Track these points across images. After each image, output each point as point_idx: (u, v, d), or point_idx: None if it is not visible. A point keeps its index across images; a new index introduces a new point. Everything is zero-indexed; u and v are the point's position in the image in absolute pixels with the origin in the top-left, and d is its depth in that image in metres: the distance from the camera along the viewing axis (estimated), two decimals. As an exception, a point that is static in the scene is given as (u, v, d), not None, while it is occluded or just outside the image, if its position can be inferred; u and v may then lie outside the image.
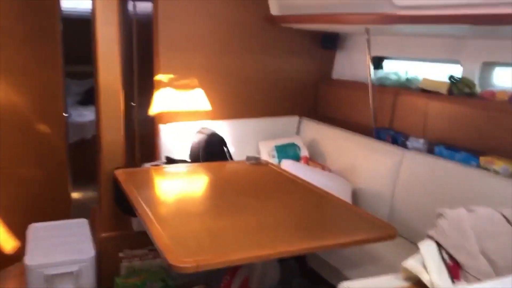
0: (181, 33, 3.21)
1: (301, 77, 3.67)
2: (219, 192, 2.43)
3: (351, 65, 3.55)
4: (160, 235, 1.72)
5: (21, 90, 3.14)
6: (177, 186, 2.57)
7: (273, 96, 3.60)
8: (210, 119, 3.35)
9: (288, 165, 2.91)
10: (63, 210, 3.59)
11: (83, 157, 4.62)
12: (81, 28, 4.88)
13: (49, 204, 3.43)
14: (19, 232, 2.89)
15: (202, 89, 3.33)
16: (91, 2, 2.85)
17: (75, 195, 4.48)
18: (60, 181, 3.56)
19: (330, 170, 3.05)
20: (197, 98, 3.33)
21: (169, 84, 3.24)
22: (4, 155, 3.03)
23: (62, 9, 4.11)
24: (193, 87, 3.31)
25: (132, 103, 4.20)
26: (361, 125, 3.15)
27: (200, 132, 3.14)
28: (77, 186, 4.56)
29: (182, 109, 3.29)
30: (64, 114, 3.59)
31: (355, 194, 2.79)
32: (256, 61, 3.48)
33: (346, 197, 2.65)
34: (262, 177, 2.63)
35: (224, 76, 3.40)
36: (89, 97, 5.54)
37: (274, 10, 3.29)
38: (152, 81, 3.28)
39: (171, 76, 3.23)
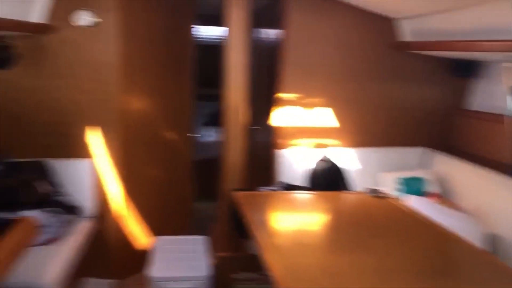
0: (307, 59, 3.24)
1: (429, 106, 3.44)
2: (336, 224, 2.35)
3: (487, 94, 3.24)
4: (273, 263, 1.71)
5: (158, 108, 3.41)
6: (293, 213, 2.54)
7: (396, 125, 3.43)
8: (329, 147, 3.29)
9: (412, 201, 2.71)
10: (185, 223, 3.80)
11: (206, 175, 4.85)
12: (211, 53, 5.23)
13: (172, 216, 3.65)
14: (146, 241, 3.10)
15: (321, 115, 3.30)
16: (222, 29, 3.01)
17: (196, 210, 4.72)
18: (185, 196, 3.77)
19: (461, 210, 2.78)
20: (310, 124, 3.31)
21: (293, 101, 3.26)
22: (136, 166, 3.30)
23: (196, 36, 4.43)
24: (317, 105, 3.30)
25: (255, 127, 4.32)
26: (496, 161, 2.84)
27: (320, 159, 3.10)
28: (199, 202, 4.80)
29: (298, 137, 3.29)
30: (192, 134, 3.82)
31: (491, 241, 2.50)
32: (380, 88, 3.36)
33: (480, 243, 2.38)
34: (382, 212, 2.48)
35: (347, 103, 3.33)
36: (215, 119, 5.84)
37: (406, 35, 3.15)
38: (272, 102, 3.34)
39: (288, 105, 3.25)
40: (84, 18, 2.94)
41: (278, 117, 3.28)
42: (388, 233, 2.17)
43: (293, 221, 2.41)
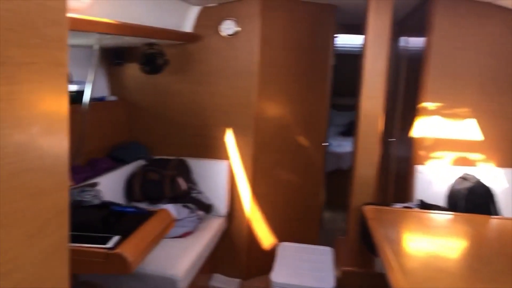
0: (454, 68, 2.96)
1: None
2: (478, 252, 2.08)
3: None
4: (400, 284, 1.57)
5: (293, 115, 3.44)
6: (429, 235, 2.32)
7: None
8: (474, 165, 2.96)
9: None
10: (312, 232, 3.76)
11: (338, 186, 4.77)
12: (349, 62, 5.13)
13: (300, 224, 3.64)
14: (271, 246, 3.14)
15: (467, 130, 2.98)
16: (362, 38, 2.92)
17: (325, 220, 4.65)
18: (314, 204, 3.73)
19: None
20: (453, 140, 3.00)
21: (436, 113, 3.01)
22: (268, 171, 3.36)
23: (336, 45, 4.38)
24: (463, 119, 2.99)
25: (391, 139, 4.11)
26: None
27: (463, 178, 2.81)
28: (327, 212, 4.73)
29: (438, 152, 3.01)
30: (326, 143, 3.77)
31: None
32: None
33: None
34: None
35: (498, 117, 2.96)
36: (350, 129, 5.72)
37: None
38: (414, 114, 3.12)
39: (431, 118, 3.00)
40: (228, 28, 3.10)
41: (418, 130, 3.05)
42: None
43: (428, 242, 2.20)
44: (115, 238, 1.81)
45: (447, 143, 3.02)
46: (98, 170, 2.75)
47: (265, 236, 3.43)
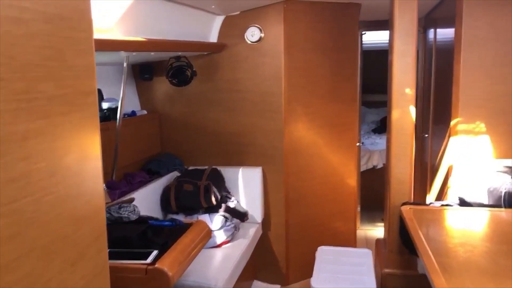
0: (485, 59, 2.85)
1: None
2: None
3: None
4: (442, 286, 1.53)
5: (324, 115, 3.41)
6: (470, 234, 2.25)
7: None
8: (515, 157, 2.85)
9: None
10: (350, 235, 3.71)
11: (372, 185, 4.69)
12: (379, 58, 5.05)
13: (337, 226, 3.60)
14: (309, 250, 3.11)
15: (505, 124, 2.86)
16: (388, 34, 2.87)
17: (362, 221, 4.59)
18: (349, 206, 3.68)
19: None
20: (492, 132, 2.89)
21: (463, 121, 2.92)
22: (301, 175, 3.34)
23: (363, 43, 4.32)
24: (487, 124, 2.89)
25: (425, 134, 4.01)
26: None
27: (502, 171, 2.71)
28: (364, 213, 4.66)
29: (475, 148, 2.91)
30: (359, 142, 3.72)
31: None
32: None
33: None
34: None
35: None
36: (383, 126, 5.63)
37: None
38: (448, 109, 3.03)
39: (465, 111, 2.90)
40: (252, 35, 3.11)
41: (453, 124, 2.96)
42: None
43: (469, 241, 2.13)
44: (154, 253, 1.84)
45: (483, 136, 2.92)
46: (134, 185, 2.81)
47: (303, 241, 3.41)
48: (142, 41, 2.22)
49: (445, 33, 3.40)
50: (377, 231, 4.42)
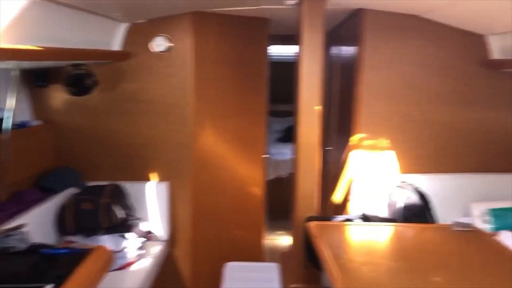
0: (385, 79, 3.03)
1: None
2: (416, 262, 2.12)
3: None
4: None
5: (232, 129, 3.39)
6: (371, 247, 2.36)
7: (487, 150, 3.11)
8: (412, 173, 3.06)
9: (503, 236, 2.43)
10: (257, 249, 3.73)
11: (279, 195, 4.77)
12: (285, 70, 5.17)
13: (244, 241, 3.59)
14: (218, 267, 3.06)
15: (402, 138, 3.07)
16: (295, 47, 2.92)
17: (269, 234, 4.65)
18: (257, 220, 3.70)
19: None
20: (391, 149, 3.09)
21: (363, 135, 3.07)
22: (208, 190, 3.28)
23: (270, 55, 4.38)
24: (386, 139, 3.08)
25: (328, 147, 4.17)
26: None
27: (400, 187, 2.89)
28: (271, 222, 4.72)
29: (375, 161, 3.08)
30: (266, 154, 3.75)
31: None
32: (470, 110, 3.06)
33: None
34: (471, 250, 2.23)
35: (431, 125, 3.08)
36: (289, 135, 5.76)
37: (496, 54, 2.86)
38: (349, 123, 3.18)
39: (366, 126, 3.06)
40: (159, 44, 2.99)
41: (354, 138, 3.11)
42: (477, 275, 1.93)
43: (370, 255, 2.23)
44: (48, 288, 1.66)
45: (383, 152, 3.10)
46: (24, 204, 2.54)
47: (212, 257, 3.34)
48: (34, 49, 2.01)
49: (347, 50, 3.56)
50: (285, 240, 4.52)
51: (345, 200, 3.22)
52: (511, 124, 3.08)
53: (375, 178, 3.07)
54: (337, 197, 3.52)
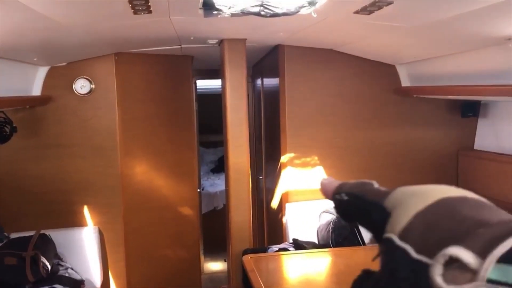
0: (307, 108, 3.18)
1: (439, 148, 3.35)
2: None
3: (496, 134, 3.15)
4: None
5: (163, 167, 3.37)
6: (307, 276, 2.43)
7: (407, 169, 3.33)
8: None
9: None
10: (196, 282, 3.68)
11: (214, 227, 4.76)
12: (213, 100, 5.24)
13: (182, 277, 3.54)
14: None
15: (328, 164, 3.22)
16: (220, 80, 3.00)
17: (207, 269, 4.61)
18: (193, 256, 3.66)
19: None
20: (317, 175, 3.22)
21: (291, 163, 3.19)
22: (141, 232, 3.23)
23: (197, 89, 4.44)
24: (313, 166, 3.22)
25: (260, 176, 4.25)
26: (507, 203, 2.72)
27: (327, 212, 3.01)
28: (208, 255, 4.69)
29: (305, 188, 3.20)
30: (200, 188, 3.76)
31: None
32: (386, 134, 3.28)
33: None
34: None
35: (352, 150, 3.25)
36: (222, 165, 5.80)
37: (405, 82, 3.11)
38: (277, 152, 3.28)
39: (293, 154, 3.18)
40: (81, 86, 2.94)
41: (282, 167, 3.21)
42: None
43: (306, 283, 2.30)
44: None
45: (310, 179, 3.22)
46: None
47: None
48: None
49: (271, 82, 3.70)
50: (222, 273, 4.49)
51: (280, 228, 3.29)
52: (426, 143, 3.33)
53: (306, 205, 3.17)
54: (272, 226, 3.58)
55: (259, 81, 4.29)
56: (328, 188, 0.72)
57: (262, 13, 1.88)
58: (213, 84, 5.33)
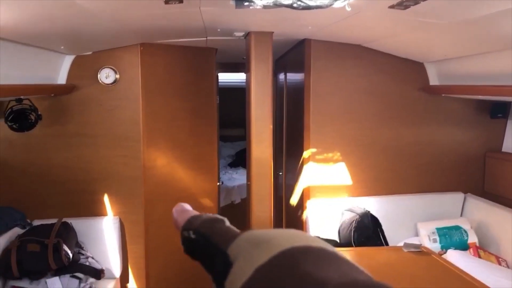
0: (332, 104, 3.13)
1: (465, 150, 3.28)
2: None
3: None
4: None
5: (184, 159, 3.35)
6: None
7: (432, 170, 3.27)
8: (361, 195, 3.15)
9: (454, 257, 2.54)
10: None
11: (231, 221, 4.73)
12: (233, 95, 5.22)
13: (199, 273, 3.52)
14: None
15: (351, 161, 3.17)
16: (243, 74, 2.95)
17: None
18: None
19: (507, 264, 2.59)
20: (340, 173, 3.18)
21: (314, 159, 3.15)
22: (161, 223, 3.22)
23: (220, 82, 4.41)
24: (336, 162, 3.17)
25: (280, 172, 4.22)
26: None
27: (350, 210, 2.96)
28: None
29: (326, 184, 3.16)
30: (219, 181, 3.74)
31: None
32: (413, 133, 3.22)
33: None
34: (422, 271, 2.31)
35: (377, 149, 3.20)
36: (239, 159, 5.78)
37: (434, 81, 3.04)
38: (298, 148, 3.24)
39: (315, 150, 3.14)
40: (106, 76, 2.94)
41: (305, 163, 3.17)
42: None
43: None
44: None
45: (333, 176, 3.17)
46: (-37, 250, 2.37)
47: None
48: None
49: (295, 76, 3.65)
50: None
51: (300, 224, 3.25)
52: (453, 144, 3.27)
53: (327, 202, 3.13)
54: (291, 221, 3.55)
55: (281, 76, 4.25)
56: (179, 221, 0.68)
57: (295, 5, 1.84)
58: (231, 77, 5.31)
